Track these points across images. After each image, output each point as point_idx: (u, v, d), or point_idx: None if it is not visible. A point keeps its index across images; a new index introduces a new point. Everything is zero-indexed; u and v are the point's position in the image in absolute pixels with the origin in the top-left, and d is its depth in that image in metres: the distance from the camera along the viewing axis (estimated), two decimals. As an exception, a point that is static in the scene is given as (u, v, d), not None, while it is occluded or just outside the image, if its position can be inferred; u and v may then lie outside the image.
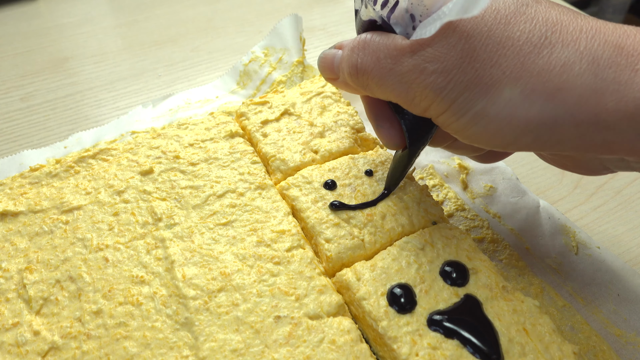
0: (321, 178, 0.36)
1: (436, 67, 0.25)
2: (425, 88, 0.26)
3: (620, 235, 0.40)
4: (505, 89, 0.24)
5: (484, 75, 0.24)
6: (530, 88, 0.24)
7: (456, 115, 0.26)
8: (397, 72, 0.26)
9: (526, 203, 0.40)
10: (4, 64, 0.59)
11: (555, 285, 0.36)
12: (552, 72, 0.24)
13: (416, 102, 0.27)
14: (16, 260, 0.33)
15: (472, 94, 0.25)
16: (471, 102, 0.25)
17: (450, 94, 0.25)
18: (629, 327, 0.33)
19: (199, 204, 0.35)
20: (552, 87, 0.24)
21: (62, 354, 0.29)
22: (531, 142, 0.25)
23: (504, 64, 0.24)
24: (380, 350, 0.29)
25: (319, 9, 0.69)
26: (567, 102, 0.23)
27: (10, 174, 0.43)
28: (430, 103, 0.26)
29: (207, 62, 0.60)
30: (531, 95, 0.24)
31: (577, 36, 0.24)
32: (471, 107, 0.25)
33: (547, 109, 0.24)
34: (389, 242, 0.33)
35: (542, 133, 0.25)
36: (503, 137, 0.25)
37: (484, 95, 0.25)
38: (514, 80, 0.24)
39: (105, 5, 0.71)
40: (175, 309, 0.30)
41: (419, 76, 0.26)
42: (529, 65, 0.24)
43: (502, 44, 0.24)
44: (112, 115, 0.52)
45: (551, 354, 0.27)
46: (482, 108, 0.25)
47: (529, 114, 0.24)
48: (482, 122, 0.25)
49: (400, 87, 0.27)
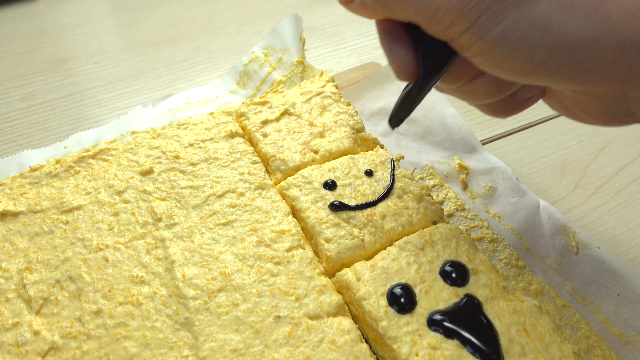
0: (321, 178, 0.36)
1: None
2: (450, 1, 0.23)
3: (620, 235, 0.40)
4: (543, 0, 0.22)
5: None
6: (571, 0, 0.22)
7: (481, 31, 0.23)
8: None
9: (526, 203, 0.40)
10: (4, 64, 0.59)
11: (555, 285, 0.36)
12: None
13: (438, 18, 0.24)
14: (16, 260, 0.33)
15: (503, 6, 0.23)
16: (502, 14, 0.23)
17: (478, 6, 0.23)
18: (629, 327, 0.33)
19: (199, 204, 0.35)
20: (595, 0, 0.21)
21: (62, 354, 0.29)
22: (563, 63, 0.23)
23: None
24: (380, 350, 0.29)
25: (319, 9, 0.69)
26: (610, 18, 0.21)
27: (10, 174, 0.43)
28: (453, 18, 0.24)
29: (207, 62, 0.60)
30: (571, 8, 0.22)
31: None
32: (500, 21, 0.23)
33: (586, 24, 0.22)
34: (389, 242, 0.33)
35: (577, 53, 0.22)
36: (531, 57, 0.23)
37: (517, 7, 0.22)
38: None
39: (105, 5, 0.71)
40: (175, 309, 0.30)
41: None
42: None
43: None
44: (112, 115, 0.52)
45: (551, 354, 0.27)
46: (514, 21, 0.23)
47: (565, 28, 0.22)
48: (511, 39, 0.23)
49: (423, 2, 0.24)
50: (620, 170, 0.45)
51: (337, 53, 0.61)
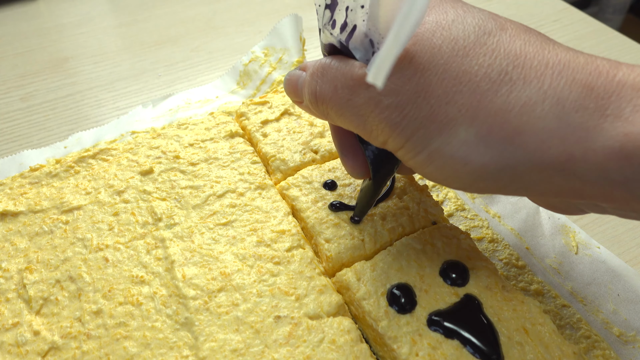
0: (321, 178, 0.36)
1: (391, 102, 0.23)
2: (381, 122, 0.24)
3: (620, 235, 0.40)
4: (460, 129, 0.22)
5: (439, 113, 0.23)
6: (487, 130, 0.22)
7: (412, 152, 0.24)
8: (353, 103, 0.25)
9: (526, 203, 0.40)
10: (4, 64, 0.59)
11: (555, 285, 0.36)
12: (511, 112, 0.21)
13: (374, 136, 0.25)
14: (16, 260, 0.33)
15: (428, 132, 0.23)
16: (426, 140, 0.23)
17: (405, 130, 0.24)
18: (629, 327, 0.33)
19: (199, 204, 0.35)
20: (511, 129, 0.22)
21: (62, 354, 0.29)
22: (489, 186, 0.24)
23: (459, 101, 0.22)
24: (380, 350, 0.29)
25: (319, 9, 0.69)
26: (527, 147, 0.21)
27: (10, 174, 0.43)
28: (387, 137, 0.25)
29: (207, 62, 0.60)
30: (487, 138, 0.22)
31: (541, 72, 0.22)
32: (427, 146, 0.23)
33: (505, 153, 0.22)
34: (389, 242, 0.33)
35: (500, 178, 0.23)
36: (459, 179, 0.24)
37: (439, 135, 0.23)
38: (470, 120, 0.22)
39: (105, 5, 0.71)
40: (175, 309, 0.30)
41: (374, 109, 0.24)
42: (486, 104, 0.22)
43: (458, 79, 0.22)
44: (112, 115, 0.52)
45: (551, 354, 0.27)
46: (437, 148, 0.23)
47: (485, 158, 0.22)
48: (438, 162, 0.24)
49: (358, 120, 0.25)
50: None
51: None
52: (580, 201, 0.24)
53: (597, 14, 1.51)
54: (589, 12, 1.51)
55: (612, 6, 1.46)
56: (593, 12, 1.52)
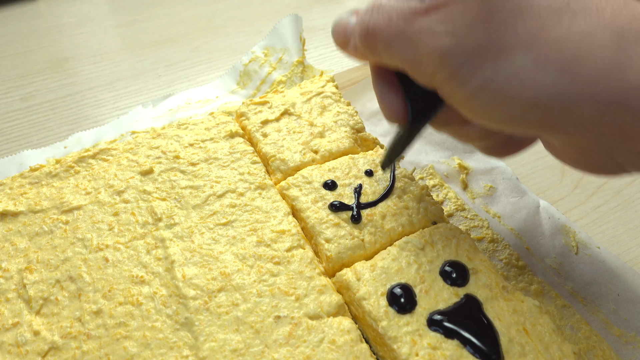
0: (321, 178, 0.36)
1: (447, 29, 0.23)
2: (433, 51, 0.24)
3: (620, 235, 0.40)
4: (517, 55, 0.22)
5: (496, 39, 0.23)
6: (545, 56, 0.22)
7: (461, 82, 0.24)
8: (407, 33, 0.25)
9: (526, 203, 0.40)
10: (4, 64, 0.59)
11: (555, 285, 0.36)
12: (571, 40, 0.22)
13: (422, 68, 0.25)
14: (16, 260, 0.33)
15: (482, 59, 0.23)
16: (479, 68, 0.23)
17: (458, 58, 0.23)
18: (629, 327, 0.33)
19: (199, 204, 0.35)
20: (570, 56, 0.21)
21: (62, 354, 0.29)
22: (539, 118, 0.23)
23: (519, 28, 0.22)
24: (380, 350, 0.29)
25: (319, 9, 0.69)
26: (584, 75, 0.21)
27: (10, 174, 0.43)
28: (436, 68, 0.24)
29: (207, 62, 0.60)
30: (545, 64, 0.22)
31: (602, 6, 0.22)
32: (477, 74, 0.23)
33: (561, 81, 0.22)
34: (389, 242, 0.33)
35: (553, 108, 0.22)
36: (509, 110, 0.23)
37: (494, 60, 0.23)
38: (528, 46, 0.22)
39: (105, 5, 0.71)
40: (175, 309, 0.30)
41: (428, 38, 0.24)
42: (547, 32, 0.22)
43: (520, 7, 0.22)
44: (112, 115, 0.52)
45: (551, 354, 0.27)
46: (490, 75, 0.23)
47: (540, 84, 0.22)
48: (488, 91, 0.23)
49: (408, 50, 0.25)
50: (620, 170, 0.45)
51: (337, 53, 0.61)
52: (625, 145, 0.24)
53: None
54: (589, 12, 1.50)
55: None
56: (593, 12, 1.51)
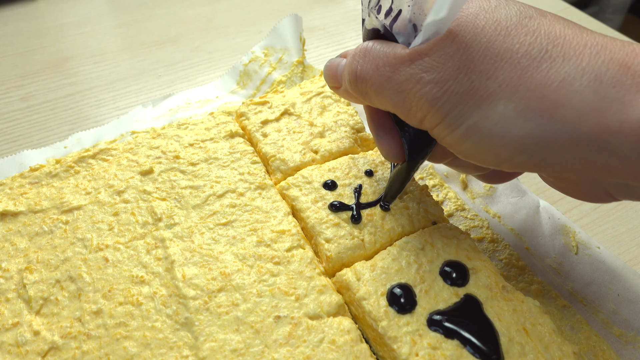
0: (321, 178, 0.36)
1: (432, 77, 0.24)
2: (421, 98, 0.25)
3: (620, 235, 0.40)
4: (500, 103, 0.23)
5: (479, 88, 0.24)
6: (525, 103, 0.23)
7: (450, 128, 0.25)
8: (394, 80, 0.26)
9: (526, 203, 0.40)
10: (4, 64, 0.59)
11: (555, 285, 0.36)
12: (550, 87, 0.22)
13: (412, 113, 0.26)
14: (16, 260, 0.33)
15: (467, 107, 0.24)
16: (465, 115, 0.24)
17: (445, 106, 0.25)
18: (629, 327, 0.33)
19: (199, 204, 0.35)
20: (549, 103, 0.22)
21: (62, 354, 0.29)
22: (526, 161, 0.24)
23: (500, 76, 0.23)
24: (380, 350, 0.29)
25: (319, 9, 0.69)
26: (565, 120, 0.22)
27: (10, 174, 0.43)
28: (425, 114, 0.26)
29: (207, 62, 0.60)
30: (526, 111, 0.23)
31: (580, 51, 0.23)
32: (465, 121, 0.24)
33: (543, 127, 0.23)
34: (389, 242, 0.33)
35: (537, 152, 0.23)
36: (496, 154, 0.24)
37: (478, 109, 0.24)
38: (509, 94, 0.23)
39: (105, 5, 0.71)
40: (175, 309, 0.30)
41: (415, 86, 0.25)
42: (526, 79, 0.23)
43: (500, 55, 0.23)
44: (112, 115, 0.52)
45: (551, 354, 0.27)
46: (475, 122, 0.24)
47: (523, 131, 0.23)
48: (475, 137, 0.24)
49: (397, 97, 0.26)
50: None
51: (337, 53, 0.61)
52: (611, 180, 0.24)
53: (597, 14, 1.51)
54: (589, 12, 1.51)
55: (612, 6, 1.46)
56: (593, 12, 1.52)
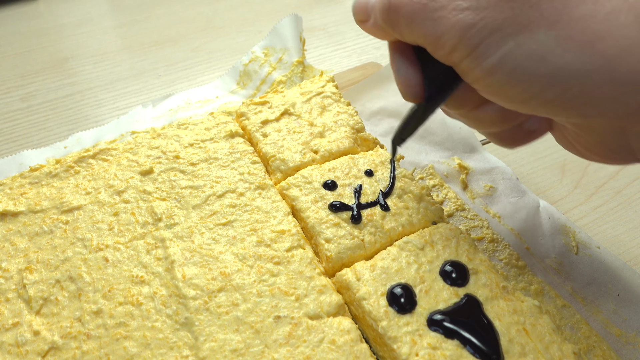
0: (321, 178, 0.36)
1: (470, 4, 0.24)
2: (455, 25, 0.24)
3: (620, 235, 0.40)
4: (540, 32, 0.22)
5: (519, 15, 0.23)
6: (568, 33, 0.22)
7: (480, 58, 0.24)
8: (429, 8, 0.25)
9: (526, 203, 0.40)
10: (4, 64, 0.59)
11: (555, 285, 0.36)
12: (595, 19, 0.21)
13: (442, 42, 0.25)
14: (16, 260, 0.33)
15: (503, 34, 0.23)
16: (500, 42, 0.23)
17: (479, 33, 0.24)
18: (629, 327, 0.33)
19: (199, 204, 0.35)
20: (592, 34, 0.21)
21: (62, 354, 0.29)
22: (558, 96, 0.23)
23: (543, 5, 0.22)
24: (380, 350, 0.29)
25: (319, 9, 0.69)
26: (606, 54, 0.21)
27: (10, 174, 0.43)
28: (456, 43, 0.25)
29: (207, 62, 0.60)
30: (567, 41, 0.22)
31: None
32: (498, 49, 0.23)
33: (582, 59, 0.22)
34: (389, 242, 0.33)
35: (572, 86, 0.22)
36: (527, 87, 0.23)
37: (515, 36, 0.23)
38: (552, 23, 0.22)
39: (105, 5, 0.71)
40: (175, 309, 0.30)
41: (451, 12, 0.24)
42: (570, 10, 0.22)
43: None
44: (112, 115, 0.52)
45: (551, 354, 0.27)
46: (510, 51, 0.23)
47: (561, 61, 0.22)
48: (507, 67, 0.23)
49: (429, 25, 0.25)
50: (620, 170, 0.45)
51: (337, 53, 0.61)
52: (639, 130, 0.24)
53: (597, 14, 1.50)
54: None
55: None
56: (593, 12, 1.51)
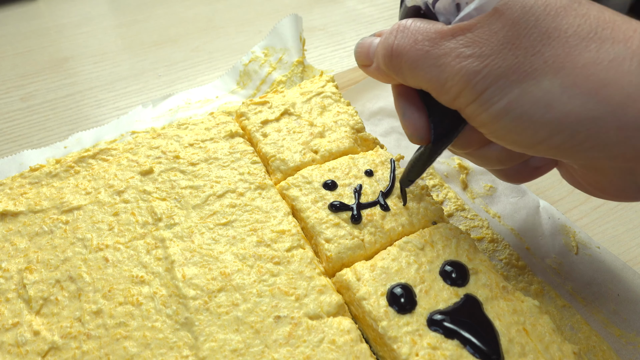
0: (321, 178, 0.36)
1: (474, 52, 0.24)
2: (458, 72, 0.24)
3: (620, 235, 0.40)
4: (545, 79, 0.23)
5: (523, 63, 0.23)
6: (572, 80, 0.22)
7: (486, 104, 0.24)
8: (432, 55, 0.25)
9: (526, 203, 0.40)
10: (4, 64, 0.59)
11: (555, 285, 0.36)
12: (599, 66, 0.22)
13: (447, 88, 0.26)
14: (16, 260, 0.33)
15: (508, 82, 0.23)
16: (504, 90, 0.23)
17: (484, 80, 0.24)
18: (629, 327, 0.33)
19: (199, 204, 0.35)
20: (597, 81, 0.22)
21: (62, 354, 0.29)
22: (565, 142, 0.23)
23: (547, 53, 0.23)
24: (380, 350, 0.29)
25: (319, 9, 0.69)
26: (611, 100, 0.22)
27: (10, 174, 0.43)
28: (461, 89, 0.25)
29: (207, 62, 0.60)
30: (572, 88, 0.22)
31: (630, 35, 0.22)
32: (503, 97, 0.24)
33: (588, 105, 0.22)
34: (389, 242, 0.33)
35: (579, 132, 0.22)
36: (533, 133, 0.24)
37: (520, 84, 0.23)
38: (556, 70, 0.22)
39: (105, 5, 0.71)
40: (175, 309, 0.30)
41: (454, 59, 0.24)
42: (574, 57, 0.22)
43: (547, 34, 0.23)
44: (112, 115, 0.52)
45: (551, 354, 0.27)
46: (516, 97, 0.23)
47: (567, 108, 0.22)
48: (513, 113, 0.24)
49: (433, 71, 0.26)
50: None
51: (337, 53, 0.61)
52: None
53: (597, 14, 1.50)
54: (589, 12, 1.50)
55: (612, 6, 1.45)
56: (593, 12, 1.52)
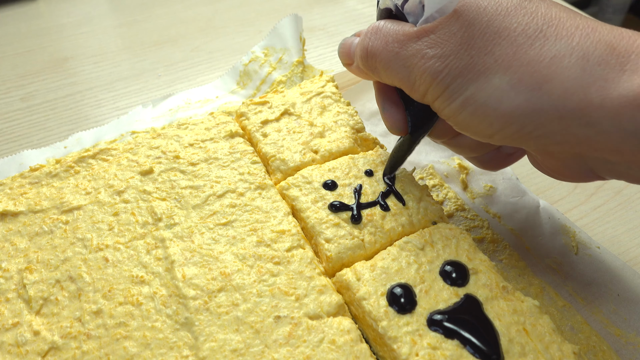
0: (321, 178, 0.36)
1: (436, 52, 0.27)
2: (425, 72, 0.27)
3: (620, 235, 0.40)
4: (495, 77, 0.25)
5: (477, 62, 0.26)
6: (518, 77, 0.25)
7: (449, 100, 0.27)
8: (401, 56, 0.28)
9: (526, 203, 0.40)
10: (4, 64, 0.59)
11: (555, 285, 0.36)
12: (542, 63, 0.24)
13: (416, 86, 0.28)
14: (16, 260, 0.33)
15: (465, 80, 0.26)
16: (463, 87, 0.26)
17: (445, 79, 0.27)
18: (629, 327, 0.33)
19: (199, 204, 0.35)
20: (540, 77, 0.24)
21: (62, 354, 0.29)
22: (516, 132, 0.26)
23: (497, 52, 0.25)
24: (380, 350, 0.29)
25: (319, 9, 0.69)
26: (552, 94, 0.24)
27: (10, 174, 0.43)
28: (428, 87, 0.28)
29: (207, 62, 0.60)
30: (518, 85, 0.25)
31: (572, 32, 0.25)
32: (462, 93, 0.26)
33: (532, 99, 0.24)
34: (389, 242, 0.33)
35: (526, 124, 0.25)
36: (489, 124, 0.26)
37: (475, 81, 0.26)
38: (504, 68, 0.25)
39: (105, 5, 0.71)
40: (175, 309, 0.30)
41: (420, 60, 0.27)
42: (520, 55, 0.25)
43: (498, 33, 0.25)
44: (112, 115, 0.52)
45: (551, 354, 0.27)
46: (472, 94, 0.26)
47: (514, 102, 0.25)
48: (471, 107, 0.26)
49: (403, 71, 0.28)
50: (620, 170, 0.45)
51: (337, 53, 0.61)
52: (593, 155, 0.26)
53: (597, 14, 1.51)
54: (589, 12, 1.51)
55: (612, 6, 1.46)
56: (593, 12, 1.52)
